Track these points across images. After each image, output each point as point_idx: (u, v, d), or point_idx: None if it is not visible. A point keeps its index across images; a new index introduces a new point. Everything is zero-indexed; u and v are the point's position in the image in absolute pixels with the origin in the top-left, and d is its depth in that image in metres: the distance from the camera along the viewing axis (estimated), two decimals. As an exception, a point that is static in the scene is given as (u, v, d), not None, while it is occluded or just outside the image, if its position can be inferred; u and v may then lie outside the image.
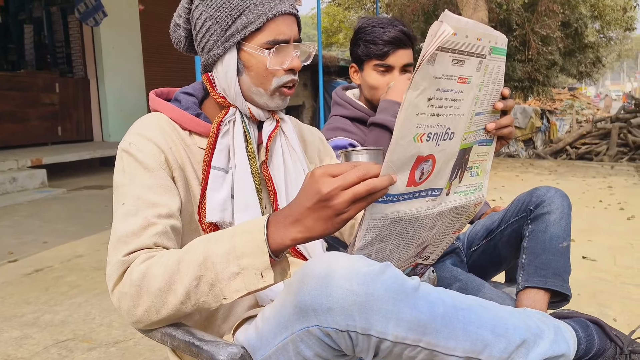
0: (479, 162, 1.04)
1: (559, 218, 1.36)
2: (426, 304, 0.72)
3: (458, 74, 0.82)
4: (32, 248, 3.47)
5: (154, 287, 0.82)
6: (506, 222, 1.51)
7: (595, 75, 17.93)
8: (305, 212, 0.77)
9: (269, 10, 0.97)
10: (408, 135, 0.78)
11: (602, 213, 4.77)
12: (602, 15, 13.27)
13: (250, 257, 0.79)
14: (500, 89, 0.98)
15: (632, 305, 2.60)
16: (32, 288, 2.78)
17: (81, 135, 7.71)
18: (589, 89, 33.24)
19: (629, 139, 11.10)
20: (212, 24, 0.98)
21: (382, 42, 1.53)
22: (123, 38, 7.80)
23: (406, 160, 0.80)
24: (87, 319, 2.40)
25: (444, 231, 1.05)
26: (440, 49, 0.75)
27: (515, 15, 11.22)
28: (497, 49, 0.90)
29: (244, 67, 1.00)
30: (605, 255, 3.42)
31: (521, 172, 7.59)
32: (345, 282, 0.71)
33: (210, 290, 0.81)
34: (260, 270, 0.79)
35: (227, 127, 1.01)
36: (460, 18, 0.76)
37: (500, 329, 0.75)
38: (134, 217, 0.88)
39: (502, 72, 0.96)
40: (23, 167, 5.60)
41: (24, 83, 6.97)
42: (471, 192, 1.04)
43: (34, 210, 4.62)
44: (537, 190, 1.43)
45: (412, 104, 0.76)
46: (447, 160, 0.90)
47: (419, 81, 0.75)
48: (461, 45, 0.79)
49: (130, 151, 0.95)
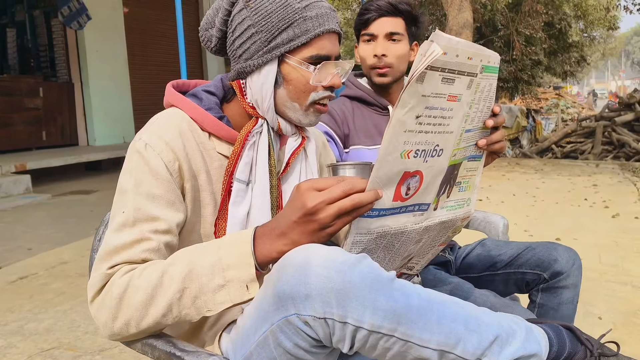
0: (468, 177, 1.04)
1: (572, 297, 1.35)
2: (402, 295, 0.73)
3: (448, 92, 0.82)
4: (17, 255, 3.43)
5: (136, 300, 0.82)
6: (516, 267, 1.44)
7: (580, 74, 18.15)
8: (292, 225, 0.79)
9: (317, 26, 0.95)
10: (395, 152, 0.79)
11: (587, 211, 4.82)
12: (586, 15, 13.45)
13: (236, 269, 0.80)
14: (491, 105, 0.98)
15: (617, 303, 2.63)
16: (16, 296, 2.75)
17: (66, 139, 7.64)
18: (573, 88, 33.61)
19: (613, 138, 11.24)
20: (256, 32, 0.95)
21: (367, 12, 1.55)
22: (107, 41, 7.75)
23: (393, 175, 0.81)
24: (72, 326, 2.38)
25: (430, 244, 1.05)
26: (429, 67, 0.76)
27: (499, 15, 11.35)
28: (489, 68, 0.90)
29: (284, 80, 0.97)
30: (591, 253, 3.45)
31: (507, 171, 7.65)
32: (322, 269, 0.71)
33: (193, 302, 0.81)
34: (246, 283, 0.80)
35: (254, 139, 0.98)
36: (451, 37, 0.77)
37: (473, 324, 0.76)
38: (130, 228, 0.87)
39: (493, 89, 0.96)
40: (7, 173, 5.54)
41: (7, 88, 6.89)
42: (459, 207, 1.04)
43: (18, 216, 4.57)
44: (557, 254, 1.38)
45: (399, 121, 0.77)
46: (435, 176, 0.90)
47: (407, 99, 0.76)
48: (451, 64, 0.79)
49: (144, 154, 0.90)
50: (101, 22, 7.43)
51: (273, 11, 0.94)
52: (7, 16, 8.24)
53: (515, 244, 1.52)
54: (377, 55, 1.55)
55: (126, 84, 8.14)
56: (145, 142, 0.91)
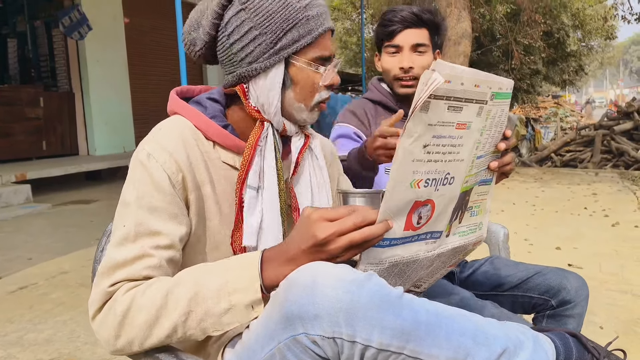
0: (480, 201, 1.04)
1: (576, 325, 1.35)
2: (410, 312, 0.73)
3: (456, 120, 0.82)
4: (17, 265, 3.42)
5: (139, 320, 0.82)
6: (525, 290, 1.44)
7: (579, 83, 18.20)
8: (300, 253, 0.79)
9: (319, 25, 0.95)
10: (405, 182, 0.79)
11: (587, 220, 4.82)
12: (583, 25, 13.51)
13: (242, 293, 0.81)
14: (502, 129, 0.98)
15: (618, 312, 2.62)
16: (16, 306, 2.74)
17: (66, 149, 7.65)
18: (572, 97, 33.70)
19: (612, 146, 11.25)
20: (260, 34, 0.93)
21: (390, 23, 1.55)
22: (108, 51, 7.78)
23: (403, 205, 0.81)
24: (72, 337, 2.37)
25: (440, 266, 1.05)
26: (433, 97, 0.76)
27: (498, 25, 11.40)
28: (500, 94, 0.90)
29: (292, 82, 0.96)
30: (591, 262, 3.45)
31: (507, 180, 7.64)
32: (331, 289, 0.71)
33: (198, 324, 0.82)
34: (252, 304, 0.81)
35: (262, 145, 0.97)
36: (454, 66, 0.77)
37: (482, 337, 0.76)
38: (132, 243, 0.86)
39: (505, 113, 0.96)
40: (7, 183, 5.54)
41: (8, 98, 6.92)
42: (471, 232, 1.04)
43: (18, 226, 4.56)
44: (566, 282, 1.37)
45: (406, 151, 0.77)
46: (447, 204, 0.90)
47: (412, 128, 0.77)
48: (457, 92, 0.79)
49: (147, 165, 0.89)
50: (102, 32, 7.47)
51: (275, 12, 0.92)
52: (9, 27, 8.28)
53: (524, 266, 1.50)
54: (403, 67, 1.56)
55: (126, 94, 8.16)
56: (148, 152, 0.90)
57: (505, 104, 0.94)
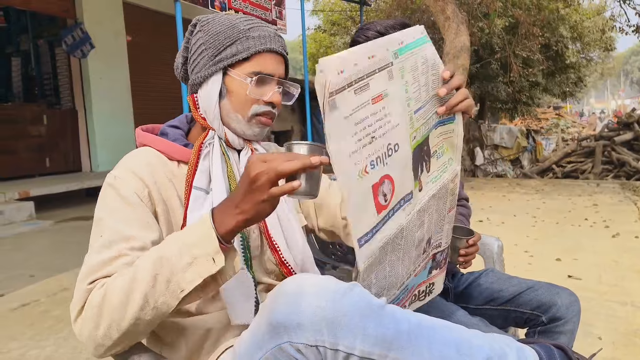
0: (442, 141, 1.04)
1: (567, 342, 1.36)
2: (392, 321, 0.75)
3: (369, 98, 0.83)
4: (19, 282, 3.44)
5: (114, 300, 0.85)
6: (517, 305, 1.46)
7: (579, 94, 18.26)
8: (241, 196, 0.84)
9: (259, 45, 1.05)
10: (352, 178, 0.81)
11: (587, 231, 4.82)
12: (582, 37, 13.59)
13: (200, 246, 0.85)
14: (437, 73, 0.99)
15: (617, 323, 2.62)
16: (18, 323, 2.76)
17: (69, 166, 7.69)
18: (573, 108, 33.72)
19: (613, 157, 11.27)
20: (205, 48, 1.06)
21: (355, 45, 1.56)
22: (111, 69, 7.86)
23: (364, 196, 0.83)
24: (74, 353, 2.38)
25: (437, 218, 1.06)
26: (334, 93, 0.77)
27: (497, 38, 11.48)
28: (407, 47, 0.90)
29: (227, 91, 1.06)
30: (591, 273, 3.45)
31: (508, 192, 7.66)
32: (314, 299, 0.74)
33: (167, 287, 0.85)
34: (212, 255, 0.85)
35: (208, 150, 1.06)
36: (339, 55, 0.78)
37: (465, 348, 0.77)
38: (108, 249, 0.92)
39: (430, 60, 0.95)
40: (10, 200, 5.57)
41: (12, 115, 6.98)
42: (443, 172, 1.04)
43: (21, 243, 4.59)
44: (558, 298, 1.39)
45: (337, 152, 0.78)
46: (403, 167, 0.92)
47: (332, 130, 0.77)
48: (354, 75, 0.80)
49: (114, 185, 0.99)
50: (104, 50, 7.55)
51: (221, 31, 1.05)
52: (13, 45, 8.38)
53: (517, 280, 1.52)
54: None
55: (129, 111, 8.23)
56: (114, 175, 1.01)
57: (422, 51, 0.94)
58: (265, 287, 1.09)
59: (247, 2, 6.42)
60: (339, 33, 16.08)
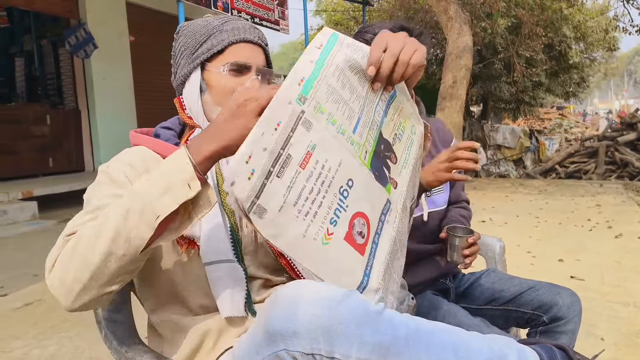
0: (397, 120, 0.96)
1: (569, 342, 1.36)
2: (389, 327, 0.75)
3: (296, 167, 0.75)
4: (22, 281, 3.45)
5: (84, 240, 0.83)
6: (518, 305, 1.46)
7: (582, 94, 18.22)
8: (223, 122, 0.83)
9: (232, 36, 1.08)
10: (318, 254, 0.78)
11: (590, 232, 4.81)
12: (585, 37, 13.56)
13: (175, 173, 0.83)
14: (362, 69, 0.86)
15: (619, 324, 2.62)
16: (21, 322, 2.77)
17: (73, 166, 7.72)
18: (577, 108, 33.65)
19: (616, 157, 11.24)
20: (184, 49, 1.10)
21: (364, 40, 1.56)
22: (114, 69, 7.89)
23: (340, 255, 0.80)
24: (76, 352, 2.39)
25: (413, 179, 1.00)
26: (255, 201, 0.72)
27: (499, 38, 11.47)
28: (311, 76, 0.79)
29: (207, 85, 1.09)
30: (593, 274, 3.45)
31: (511, 192, 7.65)
32: (310, 307, 0.74)
33: (141, 217, 0.81)
34: (187, 182, 0.82)
35: None
36: (240, 155, 0.71)
37: (463, 351, 0.77)
38: (91, 214, 0.91)
39: (347, 63, 0.83)
40: (14, 200, 5.59)
41: (15, 115, 7.00)
42: (410, 145, 0.99)
43: (24, 243, 4.61)
44: (559, 298, 1.40)
45: (289, 245, 0.75)
46: (367, 192, 0.86)
47: (271, 231, 0.73)
48: (269, 160, 0.73)
49: (105, 171, 1.01)
50: (107, 51, 7.57)
51: (197, 31, 1.10)
52: (16, 46, 8.41)
53: (519, 280, 1.52)
54: None
55: (132, 111, 8.25)
56: (107, 164, 1.03)
57: (334, 60, 0.82)
58: (262, 283, 1.08)
59: (249, 2, 6.42)
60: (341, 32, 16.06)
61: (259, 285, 1.07)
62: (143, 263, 0.89)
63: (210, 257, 0.99)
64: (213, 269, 0.99)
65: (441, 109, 7.65)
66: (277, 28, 7.17)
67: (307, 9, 7.93)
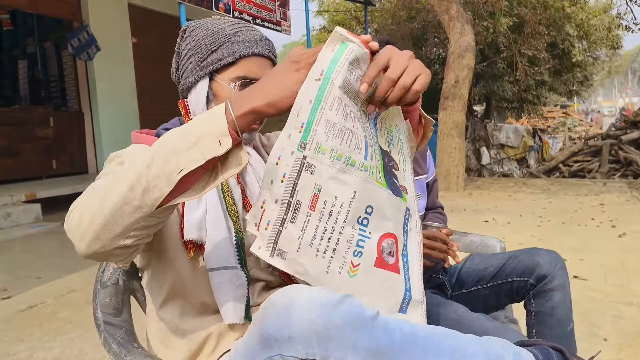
0: (384, 127, 0.94)
1: (563, 298, 1.38)
2: (384, 332, 0.75)
3: (306, 211, 0.80)
4: (26, 284, 3.47)
5: (107, 183, 0.82)
6: (503, 277, 1.49)
7: (586, 92, 18.18)
8: (272, 77, 0.82)
9: (244, 49, 1.05)
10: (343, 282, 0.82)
11: (594, 231, 4.80)
12: (588, 35, 13.52)
13: (207, 126, 0.79)
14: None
15: (623, 324, 2.61)
16: (26, 325, 2.78)
17: (76, 168, 7.75)
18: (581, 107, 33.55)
19: (620, 156, 11.20)
20: (192, 54, 1.07)
21: None
22: (116, 71, 7.91)
23: (375, 280, 0.83)
24: (79, 355, 2.40)
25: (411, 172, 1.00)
26: (272, 245, 0.81)
27: (502, 37, 11.44)
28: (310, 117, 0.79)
29: (214, 96, 1.07)
30: (597, 274, 3.44)
31: (514, 191, 7.64)
32: (304, 312, 0.74)
33: (164, 167, 0.76)
34: (218, 137, 0.78)
35: None
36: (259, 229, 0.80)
37: (459, 356, 0.78)
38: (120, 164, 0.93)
39: (345, 88, 0.81)
40: (17, 202, 5.62)
41: (19, 118, 7.03)
42: (402, 147, 0.97)
43: (28, 245, 4.62)
44: (538, 258, 1.42)
45: (318, 277, 0.81)
46: (388, 209, 0.86)
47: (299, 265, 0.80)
48: (279, 217, 0.80)
49: (113, 156, 0.99)
50: (110, 53, 7.59)
51: (207, 37, 1.07)
52: (19, 49, 8.44)
53: (500, 255, 1.57)
54: None
55: (135, 112, 8.27)
56: (114, 153, 1.01)
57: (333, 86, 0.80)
58: (264, 285, 1.08)
59: (251, 4, 6.43)
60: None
61: (260, 288, 1.08)
62: (161, 224, 0.84)
63: (214, 263, 0.99)
64: (216, 275, 0.99)
65: (443, 108, 7.64)
66: (279, 29, 7.18)
67: (308, 9, 7.94)
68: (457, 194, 7.42)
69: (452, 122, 7.25)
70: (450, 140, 7.26)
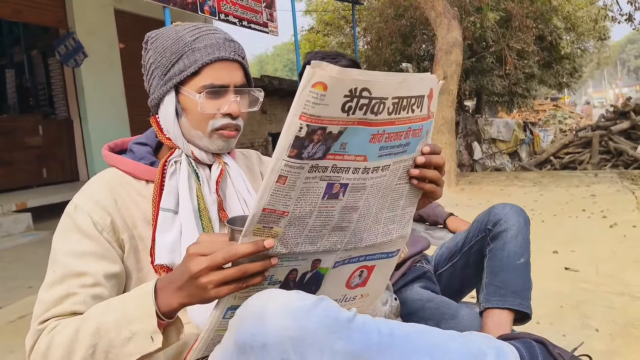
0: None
1: (515, 234, 1.40)
2: (360, 334, 0.74)
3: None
4: (17, 294, 3.43)
5: (56, 356, 0.86)
6: (469, 242, 1.54)
7: (576, 84, 18.26)
8: (185, 282, 0.80)
9: (206, 55, 1.00)
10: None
11: (585, 222, 4.82)
12: (575, 27, 13.58)
13: (139, 322, 0.83)
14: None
15: (614, 315, 2.62)
16: (16, 335, 2.76)
17: (67, 176, 7.69)
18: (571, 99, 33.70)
19: (610, 146, 11.27)
20: (155, 67, 1.03)
21: None
22: (105, 77, 7.86)
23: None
24: (71, 364, 2.38)
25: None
26: None
27: (490, 32, 11.47)
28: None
29: (183, 109, 1.03)
30: (588, 265, 3.45)
31: (506, 185, 7.65)
32: (278, 318, 0.72)
33: (106, 357, 0.84)
34: (150, 334, 0.83)
35: (174, 168, 1.03)
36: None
37: (439, 354, 0.77)
38: (59, 285, 0.93)
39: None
40: (8, 212, 5.57)
41: (7, 127, 6.97)
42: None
43: (19, 255, 4.59)
44: (493, 209, 1.47)
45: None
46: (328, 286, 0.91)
47: None
48: None
49: (73, 215, 0.98)
50: (98, 59, 7.54)
51: (167, 47, 1.02)
52: (6, 57, 8.39)
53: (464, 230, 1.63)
54: None
55: (124, 118, 8.22)
56: (75, 204, 0.99)
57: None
58: None
59: (237, 6, 6.41)
60: (332, 33, 16.07)
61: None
62: None
63: None
64: None
65: (433, 104, 7.63)
66: (266, 30, 7.16)
67: (295, 9, 7.93)
68: (449, 189, 7.42)
69: (442, 118, 7.26)
70: (441, 136, 7.25)
